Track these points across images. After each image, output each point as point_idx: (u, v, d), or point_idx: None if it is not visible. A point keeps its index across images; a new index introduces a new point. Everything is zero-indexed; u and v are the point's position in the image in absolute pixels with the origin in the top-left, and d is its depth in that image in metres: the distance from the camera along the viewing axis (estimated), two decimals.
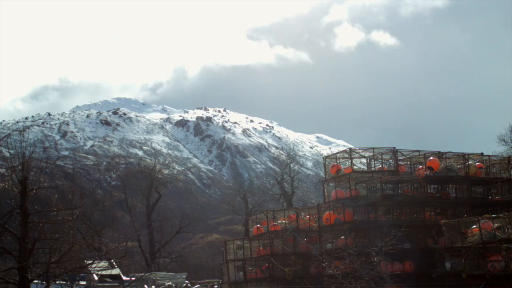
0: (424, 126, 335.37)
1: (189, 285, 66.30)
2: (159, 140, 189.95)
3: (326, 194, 43.21)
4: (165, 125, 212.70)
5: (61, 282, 30.62)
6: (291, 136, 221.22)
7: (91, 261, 31.80)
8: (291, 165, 79.96)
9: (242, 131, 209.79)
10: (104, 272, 41.18)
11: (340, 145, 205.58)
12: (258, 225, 46.70)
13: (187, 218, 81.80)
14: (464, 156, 41.52)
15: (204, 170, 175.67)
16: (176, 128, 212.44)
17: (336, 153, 44.66)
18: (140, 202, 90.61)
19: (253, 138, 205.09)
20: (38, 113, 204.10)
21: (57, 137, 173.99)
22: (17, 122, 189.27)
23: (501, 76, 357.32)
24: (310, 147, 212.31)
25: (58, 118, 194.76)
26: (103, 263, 37.55)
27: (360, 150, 42.49)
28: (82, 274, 37.41)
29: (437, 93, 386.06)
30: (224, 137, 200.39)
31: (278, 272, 43.25)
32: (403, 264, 37.52)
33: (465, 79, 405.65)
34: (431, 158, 40.86)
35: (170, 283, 63.21)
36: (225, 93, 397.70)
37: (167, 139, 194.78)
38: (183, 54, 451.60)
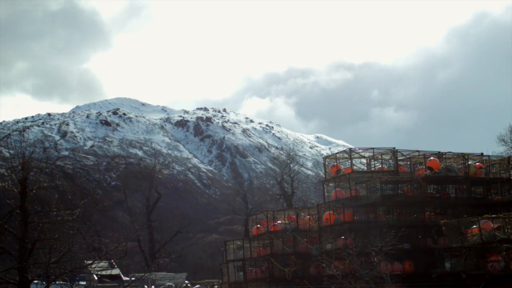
0: (424, 126, 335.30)
1: (189, 285, 66.30)
2: (159, 140, 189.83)
3: (326, 194, 43.19)
4: (165, 125, 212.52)
5: (61, 282, 30.62)
6: (291, 136, 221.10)
7: (91, 261, 31.80)
8: (291, 165, 79.96)
9: (242, 131, 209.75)
10: (104, 272, 41.16)
11: (340, 145, 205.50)
12: (258, 225, 46.71)
13: (187, 218, 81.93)
14: (464, 156, 41.53)
15: (204, 170, 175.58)
16: (176, 128, 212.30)
17: (336, 153, 44.68)
18: (140, 202, 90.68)
19: (253, 138, 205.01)
20: (38, 113, 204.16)
21: (57, 137, 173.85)
22: (17, 122, 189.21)
23: (501, 76, 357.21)
24: (310, 147, 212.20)
25: (58, 118, 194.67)
26: (103, 263, 37.55)
27: (360, 150, 42.48)
28: (82, 274, 37.42)
29: (437, 93, 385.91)
30: (224, 137, 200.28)
31: (278, 272, 43.25)
32: (403, 264, 37.52)
33: (465, 79, 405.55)
34: (431, 158, 40.87)
35: (170, 283, 63.24)
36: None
37: (167, 139, 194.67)
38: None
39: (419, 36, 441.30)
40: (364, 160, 43.94)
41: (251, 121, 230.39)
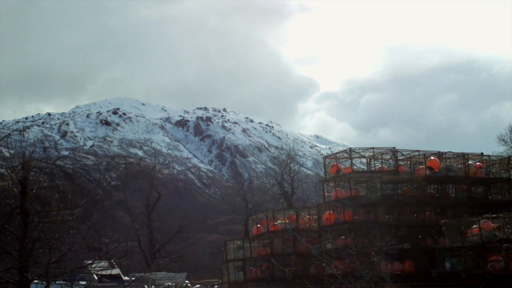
0: (425, 126, 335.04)
1: (189, 285, 66.34)
2: (159, 140, 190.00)
3: (326, 194, 43.19)
4: (165, 125, 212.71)
5: (61, 282, 30.63)
6: (291, 136, 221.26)
7: (91, 261, 31.80)
8: (291, 165, 79.87)
9: (242, 131, 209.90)
10: (104, 272, 41.18)
11: (340, 145, 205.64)
12: (258, 225, 46.71)
13: (187, 218, 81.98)
14: (464, 156, 41.53)
15: (204, 170, 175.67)
16: (176, 128, 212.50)
17: (336, 153, 44.67)
18: (140, 202, 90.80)
19: (253, 138, 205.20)
20: (38, 113, 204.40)
21: (57, 137, 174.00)
22: (17, 122, 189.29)
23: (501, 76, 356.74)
24: (310, 147, 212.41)
25: (58, 118, 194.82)
26: (103, 263, 37.56)
27: (360, 150, 42.47)
28: (82, 274, 37.43)
29: (436, 93, 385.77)
30: (224, 137, 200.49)
31: (278, 272, 43.24)
32: (403, 264, 37.51)
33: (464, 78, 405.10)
34: (431, 158, 40.87)
35: (170, 283, 63.28)
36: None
37: (167, 139, 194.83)
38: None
39: None
40: (364, 160, 43.95)
41: (251, 120, 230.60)
